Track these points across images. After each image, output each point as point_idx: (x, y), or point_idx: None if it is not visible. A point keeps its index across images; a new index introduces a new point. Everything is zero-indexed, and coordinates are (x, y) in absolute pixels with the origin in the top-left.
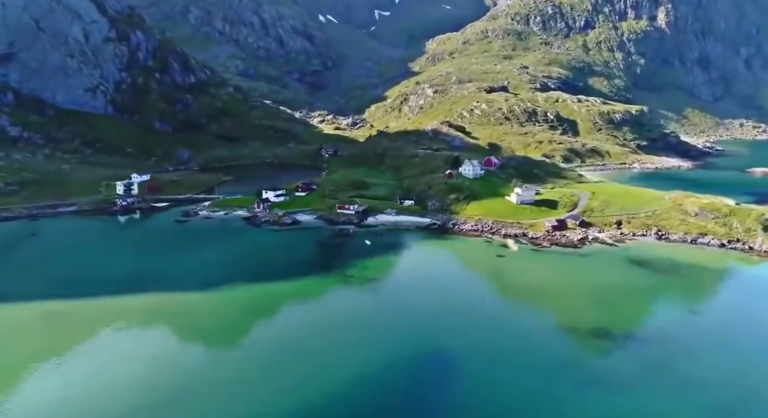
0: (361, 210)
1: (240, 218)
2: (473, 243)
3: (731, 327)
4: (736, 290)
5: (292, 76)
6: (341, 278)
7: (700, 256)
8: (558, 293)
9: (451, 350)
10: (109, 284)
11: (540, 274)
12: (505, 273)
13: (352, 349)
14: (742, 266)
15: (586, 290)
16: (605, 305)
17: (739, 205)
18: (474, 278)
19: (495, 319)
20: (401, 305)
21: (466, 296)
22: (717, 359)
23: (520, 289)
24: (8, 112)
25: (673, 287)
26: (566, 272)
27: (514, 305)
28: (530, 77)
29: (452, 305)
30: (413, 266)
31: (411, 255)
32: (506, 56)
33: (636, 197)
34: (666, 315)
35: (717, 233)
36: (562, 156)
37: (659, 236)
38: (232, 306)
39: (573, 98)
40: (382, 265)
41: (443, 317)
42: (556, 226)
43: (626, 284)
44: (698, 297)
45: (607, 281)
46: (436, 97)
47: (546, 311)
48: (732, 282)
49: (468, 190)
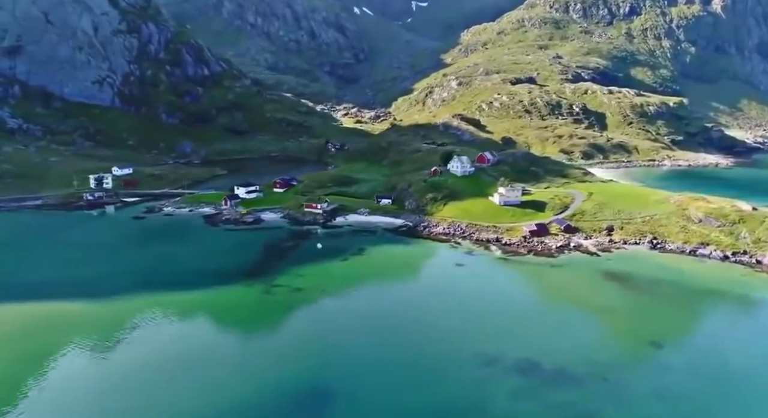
0: (329, 209)
1: (202, 215)
2: (437, 249)
3: (706, 372)
4: (725, 320)
5: (323, 69)
6: (264, 288)
7: (694, 270)
8: (498, 314)
9: (324, 389)
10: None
11: (488, 289)
12: (449, 287)
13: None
14: (743, 284)
15: (530, 311)
16: (544, 332)
17: (756, 210)
18: (409, 293)
19: (392, 350)
20: (304, 327)
21: (385, 317)
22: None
23: (454, 308)
24: (13, 105)
25: (642, 311)
26: (521, 287)
27: (433, 329)
28: (562, 68)
29: (361, 329)
30: (350, 277)
31: (357, 262)
32: (542, 46)
33: (637, 199)
34: (617, 350)
35: (721, 243)
36: (582, 152)
37: (654, 244)
38: (112, 319)
39: (604, 90)
40: (318, 273)
41: (340, 349)
42: (535, 231)
43: (585, 304)
44: (670, 326)
45: (563, 301)
46: (460, 90)
47: (466, 339)
48: (723, 307)
49: (449, 189)
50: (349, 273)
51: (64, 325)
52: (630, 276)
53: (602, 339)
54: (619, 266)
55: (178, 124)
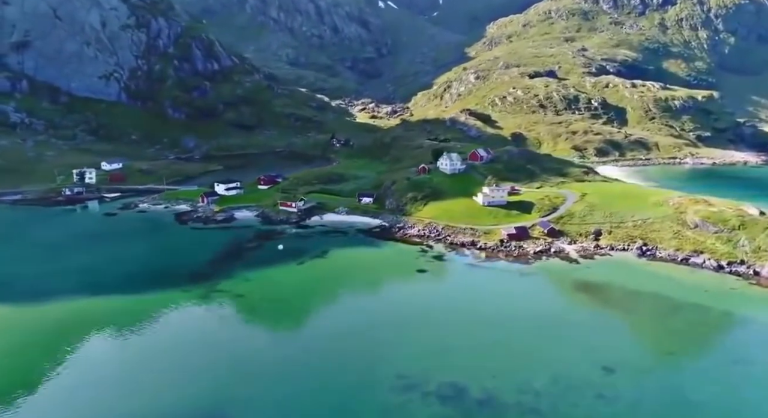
0: (304, 208)
1: (175, 212)
2: (405, 252)
3: (661, 405)
4: (696, 343)
5: (344, 64)
6: (202, 294)
7: (680, 281)
8: (437, 328)
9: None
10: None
11: (439, 300)
12: (397, 296)
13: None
14: (731, 299)
15: (475, 326)
16: (481, 351)
17: (764, 215)
18: (351, 303)
19: (300, 371)
20: (220, 341)
21: (308, 334)
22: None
23: (391, 321)
24: (19, 99)
25: (603, 329)
26: (476, 298)
27: (357, 347)
28: (585, 60)
29: (276, 344)
30: (299, 283)
31: (313, 267)
32: (568, 38)
33: (633, 201)
34: (557, 376)
35: (716, 252)
36: (596, 149)
37: (643, 251)
38: (33, 324)
39: (626, 83)
40: (266, 278)
41: (246, 370)
42: (514, 234)
43: (540, 319)
44: (627, 349)
45: (516, 314)
46: (477, 84)
47: (392, 358)
48: (699, 328)
49: (432, 188)
50: (299, 279)
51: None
52: (604, 287)
53: (544, 361)
54: (597, 275)
55: (184, 119)
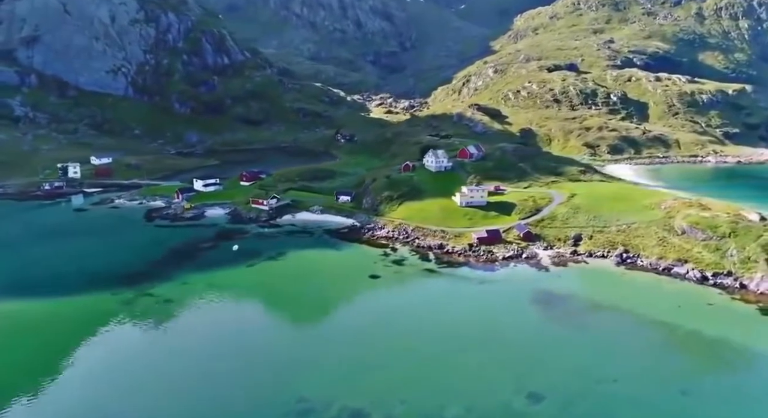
0: (276, 206)
1: (147, 209)
2: (365, 255)
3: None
4: (651, 373)
5: (366, 59)
6: (129, 298)
7: (655, 295)
8: (361, 346)
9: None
10: None
11: (379, 311)
12: (336, 306)
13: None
14: (708, 318)
15: (405, 342)
16: (400, 372)
17: (765, 221)
18: (285, 313)
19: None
20: (119, 353)
21: (234, 342)
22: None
23: (320, 334)
24: (26, 93)
25: (546, 349)
26: (419, 310)
27: (263, 365)
28: (611, 53)
29: (191, 356)
30: (239, 288)
31: (261, 270)
32: (596, 30)
33: (623, 203)
34: (477, 405)
35: (702, 261)
36: (609, 146)
37: (623, 258)
38: None
39: (650, 76)
40: (207, 281)
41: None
42: (485, 238)
43: (480, 337)
44: (568, 374)
45: (456, 330)
46: (495, 78)
47: (302, 378)
48: (658, 354)
49: (411, 187)
50: (239, 284)
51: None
52: (565, 300)
53: (466, 387)
54: (563, 285)
55: (190, 114)
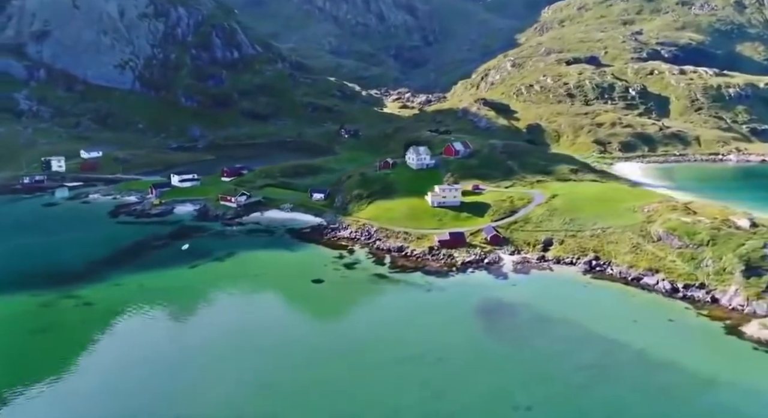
0: (245, 204)
1: (117, 204)
2: (319, 257)
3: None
4: (575, 400)
5: (388, 53)
6: (48, 301)
7: (613, 307)
8: (260, 360)
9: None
10: None
11: (306, 320)
12: (263, 313)
13: None
14: (663, 337)
15: (317, 360)
16: (299, 398)
17: (756, 227)
18: (205, 319)
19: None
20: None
21: (133, 352)
22: None
23: (231, 345)
24: (34, 87)
25: (471, 371)
26: (350, 320)
27: (164, 376)
28: (637, 45)
29: (79, 367)
30: (173, 290)
31: (202, 272)
32: (626, 21)
33: (605, 205)
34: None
35: (674, 271)
36: (621, 143)
37: (591, 266)
38: None
39: (674, 69)
40: (141, 283)
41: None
42: (446, 241)
43: (404, 353)
44: (483, 401)
45: (378, 347)
46: (512, 72)
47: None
48: (590, 379)
49: (385, 185)
50: (175, 286)
51: None
52: (515, 311)
53: (359, 412)
54: (518, 294)
55: (196, 108)
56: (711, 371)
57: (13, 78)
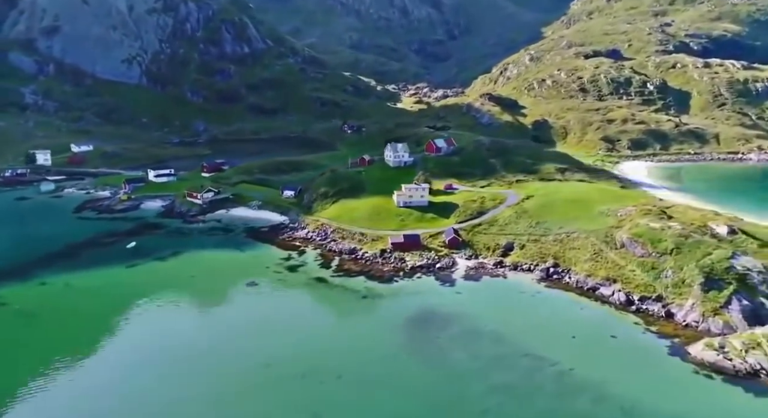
0: (210, 200)
1: (90, 199)
2: (266, 258)
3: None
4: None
5: (410, 47)
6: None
7: (561, 320)
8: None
9: None
10: None
11: (217, 327)
12: (178, 320)
13: None
14: (608, 357)
15: (200, 375)
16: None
17: (735, 235)
18: (111, 324)
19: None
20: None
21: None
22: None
23: (115, 357)
24: (42, 81)
25: (372, 392)
26: (265, 329)
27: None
28: (664, 37)
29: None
30: (97, 291)
31: (141, 272)
32: (657, 13)
33: (579, 208)
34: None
35: (632, 282)
36: (631, 140)
37: (548, 273)
38: None
39: (698, 62)
40: (70, 283)
41: None
42: (399, 244)
43: (298, 370)
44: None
45: (277, 363)
46: (530, 66)
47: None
48: (500, 405)
49: (354, 183)
50: (101, 285)
51: None
52: (447, 323)
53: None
54: (459, 304)
55: (202, 103)
56: (635, 396)
57: (23, 72)
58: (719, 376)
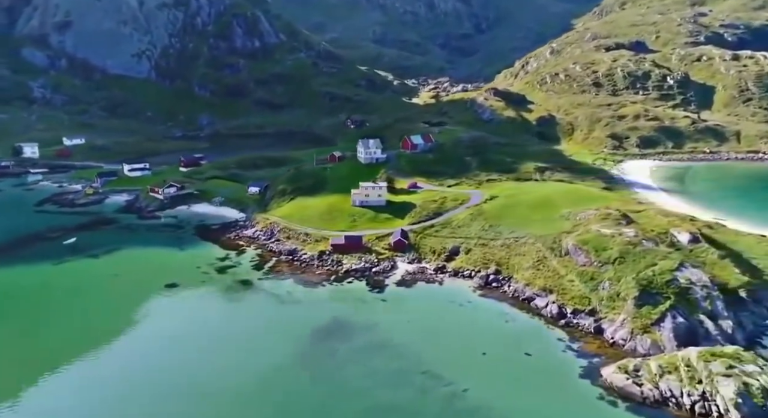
0: (171, 196)
1: (56, 192)
2: (203, 257)
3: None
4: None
5: (435, 42)
6: None
7: (480, 334)
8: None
9: None
10: None
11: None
12: (72, 322)
13: None
14: (517, 382)
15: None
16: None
17: (695, 246)
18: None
19: None
20: None
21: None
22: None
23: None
24: (53, 76)
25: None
26: (153, 331)
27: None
28: (695, 28)
29: None
30: (6, 288)
31: (63, 270)
32: (695, 2)
33: (541, 210)
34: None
35: (568, 293)
36: (641, 138)
37: (488, 281)
38: None
39: (726, 55)
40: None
41: None
42: (339, 245)
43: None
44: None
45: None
46: (550, 60)
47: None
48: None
49: (317, 180)
50: (18, 284)
51: None
52: (357, 335)
53: None
54: (379, 313)
55: (209, 98)
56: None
57: (36, 67)
58: (625, 403)
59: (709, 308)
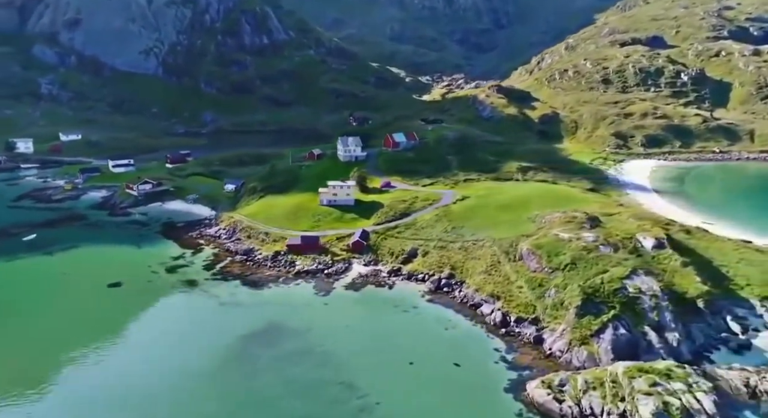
0: (148, 193)
1: (40, 187)
2: (157, 256)
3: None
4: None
5: (453, 37)
6: None
7: (415, 342)
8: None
9: None
10: None
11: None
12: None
13: None
14: (432, 396)
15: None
16: None
17: (659, 252)
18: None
19: None
20: None
21: None
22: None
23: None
24: (62, 73)
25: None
26: (71, 335)
27: None
28: (718, 22)
29: None
30: None
31: (13, 267)
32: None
33: (511, 212)
34: None
35: (514, 300)
36: (647, 136)
37: (440, 285)
38: None
39: (746, 50)
40: None
41: None
42: (295, 246)
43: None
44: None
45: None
46: (565, 55)
47: None
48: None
49: (291, 178)
50: None
51: None
52: (285, 341)
53: None
54: (318, 318)
55: (215, 94)
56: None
57: (46, 64)
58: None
59: (656, 319)
